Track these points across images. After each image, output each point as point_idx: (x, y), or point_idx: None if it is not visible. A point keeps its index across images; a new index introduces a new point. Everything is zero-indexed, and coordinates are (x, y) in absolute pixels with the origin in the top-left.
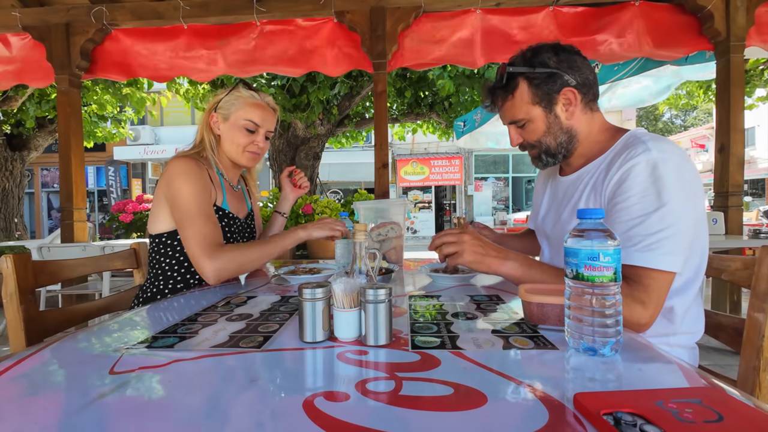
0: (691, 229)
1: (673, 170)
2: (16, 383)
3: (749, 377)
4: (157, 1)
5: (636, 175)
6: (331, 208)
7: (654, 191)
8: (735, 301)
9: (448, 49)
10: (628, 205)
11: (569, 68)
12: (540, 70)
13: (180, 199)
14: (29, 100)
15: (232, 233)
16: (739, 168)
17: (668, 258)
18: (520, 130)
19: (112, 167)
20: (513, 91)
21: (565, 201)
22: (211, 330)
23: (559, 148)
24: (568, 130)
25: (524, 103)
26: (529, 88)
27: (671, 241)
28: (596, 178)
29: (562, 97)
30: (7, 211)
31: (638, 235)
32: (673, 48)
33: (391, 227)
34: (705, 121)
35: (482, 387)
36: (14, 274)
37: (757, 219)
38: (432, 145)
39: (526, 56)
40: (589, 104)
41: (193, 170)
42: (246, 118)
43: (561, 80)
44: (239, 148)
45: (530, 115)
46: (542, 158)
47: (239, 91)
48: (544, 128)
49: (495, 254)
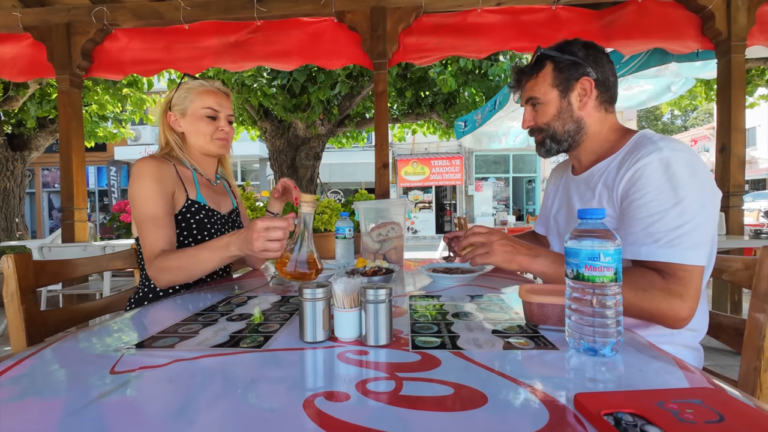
0: (709, 223)
1: (686, 167)
2: (17, 383)
3: (750, 378)
4: (157, 1)
5: (650, 173)
6: (331, 208)
7: (669, 188)
8: (736, 301)
9: (452, 41)
10: (644, 201)
11: (594, 62)
12: (567, 57)
13: (133, 203)
14: (30, 100)
15: (213, 225)
16: (740, 168)
17: (692, 252)
18: (533, 112)
19: (114, 167)
20: (539, 71)
21: (578, 198)
22: (212, 330)
23: (565, 135)
24: (578, 120)
25: (545, 83)
26: (553, 71)
27: (693, 236)
28: (607, 176)
29: (579, 85)
30: (8, 211)
31: (659, 232)
32: (680, 43)
33: (391, 227)
34: (706, 121)
35: (482, 387)
36: (15, 273)
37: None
38: (432, 145)
39: (559, 44)
40: (604, 104)
41: (149, 171)
42: (203, 107)
43: (582, 70)
44: (206, 137)
45: (547, 96)
46: (546, 143)
47: (187, 83)
48: (555, 112)
49: (526, 252)
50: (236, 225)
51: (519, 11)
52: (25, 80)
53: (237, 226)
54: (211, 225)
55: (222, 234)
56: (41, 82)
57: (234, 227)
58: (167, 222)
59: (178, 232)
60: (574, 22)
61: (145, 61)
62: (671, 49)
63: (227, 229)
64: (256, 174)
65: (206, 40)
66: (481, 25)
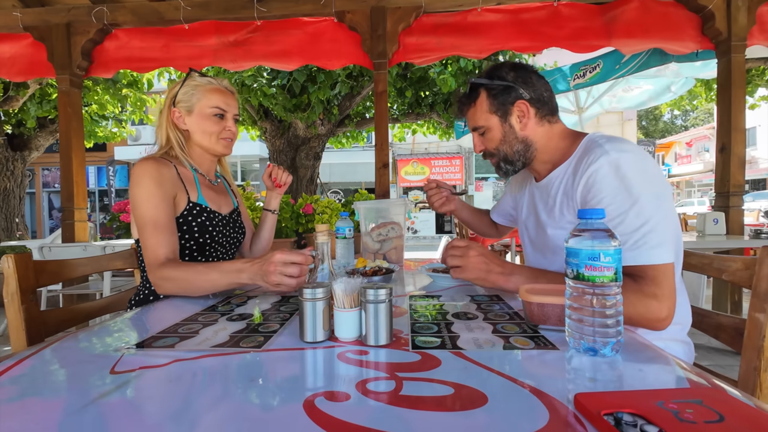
0: (669, 218)
1: (636, 167)
2: (17, 383)
3: (750, 377)
4: (157, 1)
5: (602, 178)
6: (331, 208)
7: (623, 189)
8: (736, 301)
9: (452, 41)
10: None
11: (524, 83)
12: (497, 83)
13: (134, 206)
14: (30, 100)
15: (215, 227)
16: (740, 168)
17: (658, 251)
18: (481, 138)
19: (112, 167)
20: (475, 100)
21: (541, 205)
22: (212, 330)
23: (516, 156)
24: (524, 139)
25: (483, 111)
26: (487, 98)
27: (655, 234)
28: (565, 183)
29: (516, 108)
30: (8, 211)
31: (623, 235)
32: (679, 43)
33: (391, 227)
34: (706, 121)
35: (483, 387)
36: (15, 273)
37: (757, 219)
38: (432, 145)
39: (488, 71)
40: (545, 117)
41: (150, 174)
42: (211, 105)
43: (515, 93)
44: (212, 137)
45: (488, 123)
46: (501, 166)
47: (194, 79)
48: (500, 137)
49: (499, 270)
50: (237, 225)
51: (520, 9)
52: (25, 80)
53: (238, 226)
54: (213, 227)
55: (223, 235)
56: (41, 82)
57: (235, 227)
58: (169, 226)
59: (180, 235)
60: (576, 18)
61: (143, 59)
62: (671, 50)
63: (228, 230)
64: (256, 174)
65: (206, 39)
66: (481, 24)
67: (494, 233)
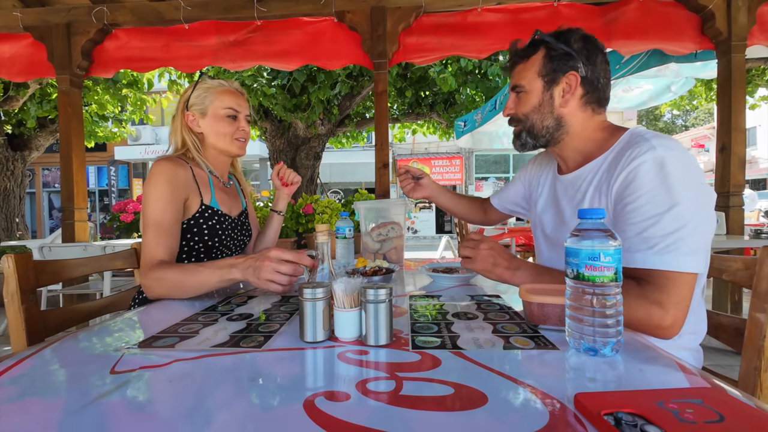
0: (705, 226)
1: (681, 167)
2: (17, 383)
3: (750, 377)
4: (157, 1)
5: (644, 174)
6: (331, 208)
7: (664, 190)
8: (736, 301)
9: (452, 41)
10: (638, 205)
11: (586, 58)
12: (560, 46)
13: (144, 203)
14: (30, 100)
15: (224, 230)
16: (740, 168)
17: (688, 258)
18: (516, 99)
19: (114, 167)
20: (530, 56)
21: (566, 200)
22: (212, 330)
23: (543, 131)
24: (559, 117)
25: (532, 71)
26: (543, 58)
27: (689, 241)
28: (599, 178)
29: (565, 80)
30: (8, 211)
31: (654, 237)
32: (678, 44)
33: (391, 227)
34: (706, 121)
35: (483, 387)
36: (15, 273)
37: (758, 219)
38: (432, 145)
39: (557, 32)
40: (590, 104)
41: (166, 174)
42: (224, 107)
43: (572, 63)
44: (227, 138)
45: (531, 85)
46: (522, 137)
47: (206, 82)
48: (536, 104)
49: (506, 265)
50: (245, 227)
51: (520, 9)
52: (25, 80)
53: (245, 228)
54: (222, 230)
55: (231, 238)
56: (41, 82)
57: (243, 230)
58: (172, 230)
59: (189, 237)
60: (576, 18)
61: (143, 59)
62: (670, 51)
63: (237, 232)
64: (256, 174)
65: (206, 39)
66: (481, 24)
67: (481, 220)
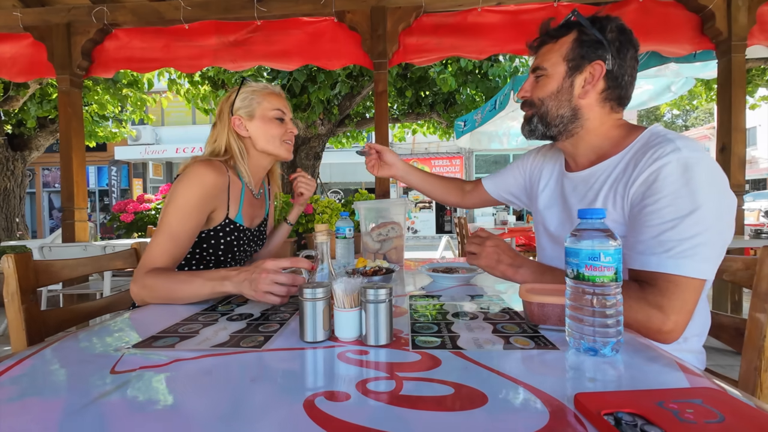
0: (724, 233)
1: (706, 171)
2: (17, 383)
3: (750, 377)
4: (157, 1)
5: (667, 176)
6: (331, 208)
7: (687, 193)
8: (736, 301)
9: (452, 41)
10: (658, 207)
11: (617, 50)
12: (593, 32)
13: (168, 202)
14: (30, 100)
15: (240, 245)
16: (740, 168)
17: (703, 265)
18: (534, 82)
19: (115, 167)
20: (561, 36)
21: (576, 199)
22: (212, 329)
23: (556, 120)
24: (575, 108)
25: (559, 53)
26: (573, 41)
27: (706, 248)
28: (615, 177)
29: (589, 68)
30: (8, 211)
31: (671, 241)
32: (677, 45)
33: (391, 227)
34: (706, 121)
35: (483, 387)
36: (15, 273)
37: (758, 219)
38: (432, 145)
39: (594, 16)
40: (610, 101)
41: (202, 183)
42: (273, 108)
43: (600, 52)
44: (276, 140)
45: (554, 68)
46: (533, 122)
47: (250, 86)
48: (554, 89)
49: (509, 262)
50: (261, 237)
51: (520, 10)
52: (25, 80)
53: (261, 238)
54: (238, 246)
55: (244, 251)
56: (41, 82)
57: (258, 240)
58: (184, 242)
59: (205, 247)
60: None
61: (144, 59)
62: (670, 52)
63: (251, 245)
64: None
65: (206, 39)
66: (481, 24)
67: (458, 202)
